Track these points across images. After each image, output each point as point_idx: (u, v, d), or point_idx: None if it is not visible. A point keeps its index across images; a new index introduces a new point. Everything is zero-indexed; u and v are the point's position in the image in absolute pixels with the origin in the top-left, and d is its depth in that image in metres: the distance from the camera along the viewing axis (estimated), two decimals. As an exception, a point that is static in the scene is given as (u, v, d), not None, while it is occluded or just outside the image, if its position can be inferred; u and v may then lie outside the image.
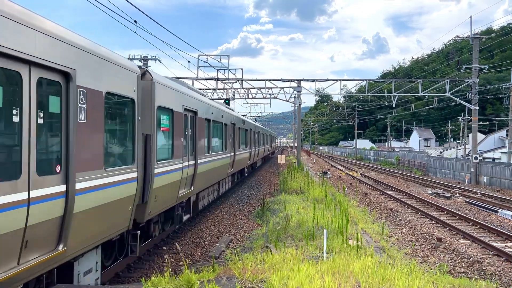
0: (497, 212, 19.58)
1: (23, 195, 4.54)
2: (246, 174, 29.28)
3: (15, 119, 4.52)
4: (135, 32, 15.11)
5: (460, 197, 25.20)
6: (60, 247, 5.24)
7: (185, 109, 10.68)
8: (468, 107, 35.81)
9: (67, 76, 5.30)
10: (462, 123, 57.43)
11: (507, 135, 50.45)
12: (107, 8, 12.22)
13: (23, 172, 4.58)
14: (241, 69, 31.77)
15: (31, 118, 4.70)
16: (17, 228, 4.47)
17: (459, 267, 11.31)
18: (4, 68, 4.34)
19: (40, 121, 4.89)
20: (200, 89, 32.59)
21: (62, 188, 5.26)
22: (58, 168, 5.23)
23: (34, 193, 4.72)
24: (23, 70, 4.58)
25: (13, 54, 4.36)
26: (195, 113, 11.70)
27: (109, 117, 6.62)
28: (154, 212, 8.70)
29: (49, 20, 5.20)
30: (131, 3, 11.99)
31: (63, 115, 5.29)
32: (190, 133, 11.27)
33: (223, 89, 33.66)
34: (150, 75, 8.32)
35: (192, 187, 11.57)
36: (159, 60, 28.18)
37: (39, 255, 4.90)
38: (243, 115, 31.72)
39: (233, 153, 19.61)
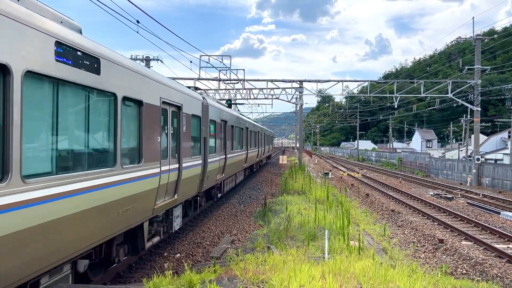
0: (499, 213, 19.53)
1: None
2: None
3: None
4: (137, 32, 15.13)
5: (462, 199, 25.15)
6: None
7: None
8: (470, 108, 35.75)
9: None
10: (464, 124, 57.33)
11: (509, 136, 50.39)
12: (109, 8, 12.24)
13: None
14: (243, 69, 31.78)
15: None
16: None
17: (460, 269, 11.28)
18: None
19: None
20: (201, 89, 32.65)
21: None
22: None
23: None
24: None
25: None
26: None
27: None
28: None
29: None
30: (133, 3, 12.01)
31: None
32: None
33: (224, 89, 33.67)
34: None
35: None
36: (161, 61, 28.23)
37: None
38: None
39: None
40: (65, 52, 5.20)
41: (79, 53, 5.50)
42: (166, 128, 9.21)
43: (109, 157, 6.48)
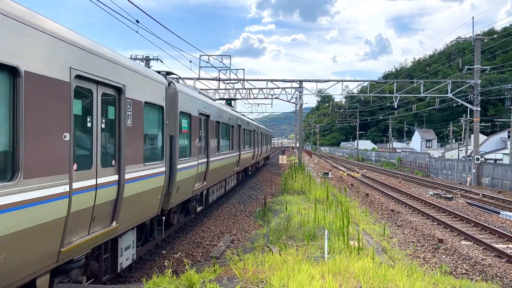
0: (498, 213, 19.54)
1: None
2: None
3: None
4: (137, 32, 15.12)
5: (462, 198, 25.16)
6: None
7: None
8: (470, 108, 35.76)
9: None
10: (463, 124, 57.35)
11: (509, 136, 50.40)
12: (109, 8, 12.24)
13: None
14: (243, 69, 31.78)
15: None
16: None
17: (460, 268, 11.29)
18: None
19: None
20: (201, 89, 32.57)
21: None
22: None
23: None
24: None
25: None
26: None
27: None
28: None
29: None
30: (133, 3, 12.00)
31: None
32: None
33: (224, 89, 33.67)
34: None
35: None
36: (160, 60, 28.21)
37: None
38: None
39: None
40: None
41: None
42: (86, 120, 6.07)
43: None
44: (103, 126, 6.50)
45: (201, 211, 15.53)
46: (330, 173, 38.38)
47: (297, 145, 48.12)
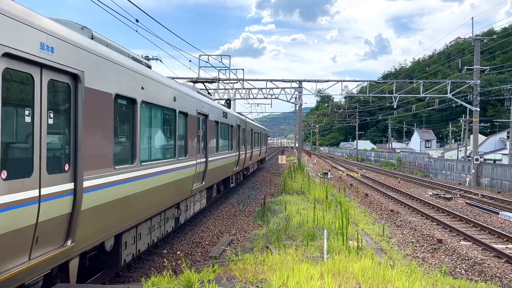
0: (498, 213, 19.55)
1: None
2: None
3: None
4: (136, 31, 15.10)
5: (461, 199, 25.17)
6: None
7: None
8: (469, 108, 35.78)
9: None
10: (463, 125, 57.39)
11: (508, 137, 50.43)
12: (109, 7, 12.23)
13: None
14: (242, 69, 31.78)
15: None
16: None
17: (459, 269, 11.29)
18: None
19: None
20: (201, 89, 32.53)
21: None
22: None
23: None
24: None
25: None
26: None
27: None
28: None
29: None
30: (132, 3, 11.99)
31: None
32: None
33: (224, 89, 33.66)
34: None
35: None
36: (160, 60, 28.20)
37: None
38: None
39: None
40: None
41: None
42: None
43: None
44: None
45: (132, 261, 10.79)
46: (329, 173, 38.39)
47: (297, 145, 48.09)
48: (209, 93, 22.52)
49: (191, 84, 20.34)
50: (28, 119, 4.80)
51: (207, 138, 13.44)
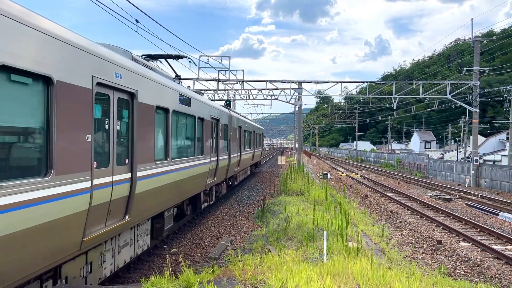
0: (497, 214, 19.56)
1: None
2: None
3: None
4: (136, 32, 15.10)
5: (461, 200, 25.17)
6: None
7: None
8: (468, 109, 35.80)
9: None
10: (462, 126, 57.42)
11: (507, 138, 50.44)
12: (108, 8, 12.24)
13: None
14: (242, 70, 31.79)
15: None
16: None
17: (459, 270, 11.29)
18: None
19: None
20: (200, 90, 32.53)
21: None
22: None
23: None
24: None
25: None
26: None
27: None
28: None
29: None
30: (132, 3, 12.00)
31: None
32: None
33: (223, 90, 33.67)
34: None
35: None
36: (160, 61, 28.15)
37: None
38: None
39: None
40: None
41: None
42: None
43: None
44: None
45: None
46: (329, 174, 38.40)
47: (296, 146, 48.05)
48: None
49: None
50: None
51: (168, 135, 9.80)
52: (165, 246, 11.60)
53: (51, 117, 5.21)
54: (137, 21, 14.41)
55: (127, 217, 7.53)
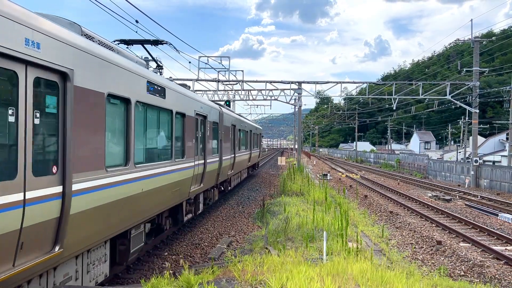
0: (497, 215, 19.56)
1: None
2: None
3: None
4: (136, 32, 15.11)
5: (460, 200, 25.18)
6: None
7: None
8: (468, 110, 35.82)
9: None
10: (462, 126, 57.43)
11: (507, 138, 50.45)
12: (108, 8, 12.25)
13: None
14: (242, 70, 31.81)
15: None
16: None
17: (458, 270, 11.29)
18: None
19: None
20: (200, 90, 32.53)
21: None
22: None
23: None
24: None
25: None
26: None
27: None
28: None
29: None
30: (132, 4, 12.01)
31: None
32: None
33: (223, 90, 33.69)
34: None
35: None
36: (159, 62, 28.15)
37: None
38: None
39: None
40: None
41: None
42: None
43: None
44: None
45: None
46: (329, 174, 38.40)
47: (296, 146, 48.05)
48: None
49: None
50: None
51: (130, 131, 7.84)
52: (165, 249, 11.60)
53: None
54: (137, 21, 14.42)
55: (57, 248, 5.36)
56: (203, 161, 13.11)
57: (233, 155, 19.67)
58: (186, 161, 11.09)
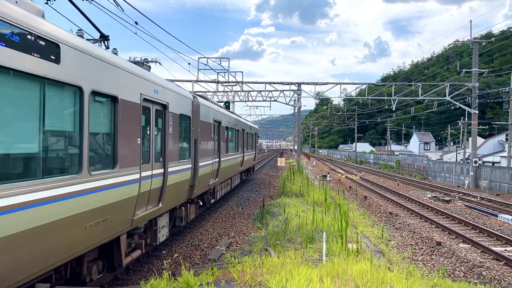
0: (496, 216, 19.57)
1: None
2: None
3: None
4: (135, 34, 15.11)
5: (460, 201, 25.18)
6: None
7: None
8: (468, 111, 35.85)
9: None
10: (462, 127, 57.47)
11: (506, 139, 50.49)
12: (108, 10, 12.25)
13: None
14: (241, 72, 31.83)
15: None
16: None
17: (458, 271, 11.29)
18: None
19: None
20: (200, 91, 32.51)
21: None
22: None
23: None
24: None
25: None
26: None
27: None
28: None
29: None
30: (130, 5, 12.02)
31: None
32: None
33: (223, 91, 33.70)
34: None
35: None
36: (159, 63, 28.19)
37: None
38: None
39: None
40: None
41: None
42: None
43: None
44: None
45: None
46: (328, 175, 38.40)
47: (296, 147, 48.03)
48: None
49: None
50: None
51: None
52: (164, 250, 11.59)
53: None
54: (136, 23, 14.43)
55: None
56: (161, 170, 9.25)
57: (217, 160, 15.87)
58: (120, 173, 7.14)
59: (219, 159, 16.23)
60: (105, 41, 9.43)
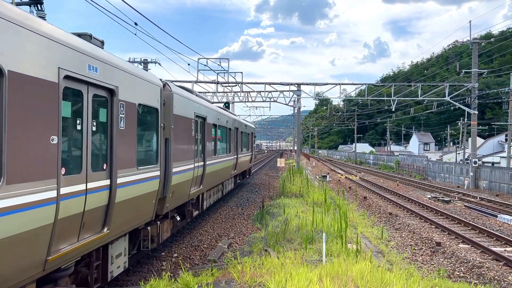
0: (496, 216, 19.57)
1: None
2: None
3: None
4: (135, 34, 15.12)
5: (459, 201, 25.19)
6: None
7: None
8: (467, 111, 35.87)
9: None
10: (461, 128, 57.50)
11: (506, 140, 50.54)
12: (107, 10, 12.26)
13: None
14: (241, 72, 31.84)
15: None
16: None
17: (458, 272, 11.29)
18: None
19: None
20: (200, 92, 32.51)
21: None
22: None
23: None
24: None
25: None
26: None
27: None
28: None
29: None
30: (130, 6, 12.03)
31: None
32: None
33: (223, 92, 33.70)
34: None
35: None
36: (159, 63, 28.22)
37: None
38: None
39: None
40: None
41: None
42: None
43: None
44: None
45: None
46: (328, 176, 38.40)
47: (295, 148, 48.04)
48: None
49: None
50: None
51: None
52: (164, 250, 11.59)
53: None
54: (136, 24, 14.45)
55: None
56: (105, 183, 6.65)
57: (201, 164, 13.18)
58: (9, 192, 4.41)
59: (204, 163, 13.45)
60: (38, 5, 7.77)
